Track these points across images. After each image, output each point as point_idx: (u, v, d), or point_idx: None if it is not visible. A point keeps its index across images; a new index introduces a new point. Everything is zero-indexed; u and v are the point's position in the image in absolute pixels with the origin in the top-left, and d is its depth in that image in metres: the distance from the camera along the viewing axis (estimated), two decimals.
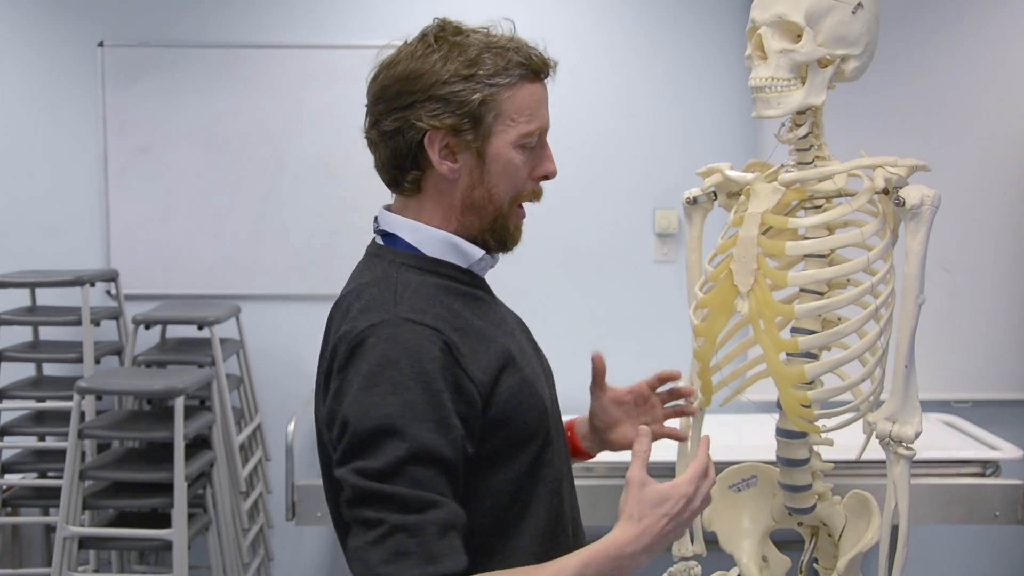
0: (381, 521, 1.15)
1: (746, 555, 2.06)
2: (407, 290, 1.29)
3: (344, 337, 1.26)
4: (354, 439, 1.20)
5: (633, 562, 1.24)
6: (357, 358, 1.23)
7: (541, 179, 1.39)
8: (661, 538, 1.26)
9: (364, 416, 1.19)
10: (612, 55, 3.67)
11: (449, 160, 1.32)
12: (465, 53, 1.30)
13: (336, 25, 3.65)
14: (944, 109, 3.48)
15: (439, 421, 1.20)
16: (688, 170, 2.31)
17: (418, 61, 1.31)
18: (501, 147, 1.32)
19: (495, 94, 1.30)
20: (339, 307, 1.34)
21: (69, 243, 3.72)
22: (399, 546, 1.14)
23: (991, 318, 3.53)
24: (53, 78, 3.69)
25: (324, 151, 3.65)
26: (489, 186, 1.34)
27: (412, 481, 1.17)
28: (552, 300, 3.64)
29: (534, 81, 1.34)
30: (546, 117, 1.36)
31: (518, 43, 1.34)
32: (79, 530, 2.92)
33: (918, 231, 1.69)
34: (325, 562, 3.85)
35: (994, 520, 2.85)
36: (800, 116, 1.77)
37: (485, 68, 1.30)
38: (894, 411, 1.76)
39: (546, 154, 1.38)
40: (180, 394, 2.89)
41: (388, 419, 1.18)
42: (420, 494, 1.16)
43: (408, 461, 1.17)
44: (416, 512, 1.16)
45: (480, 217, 1.35)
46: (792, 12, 1.69)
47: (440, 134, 1.30)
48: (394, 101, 1.32)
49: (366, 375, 1.21)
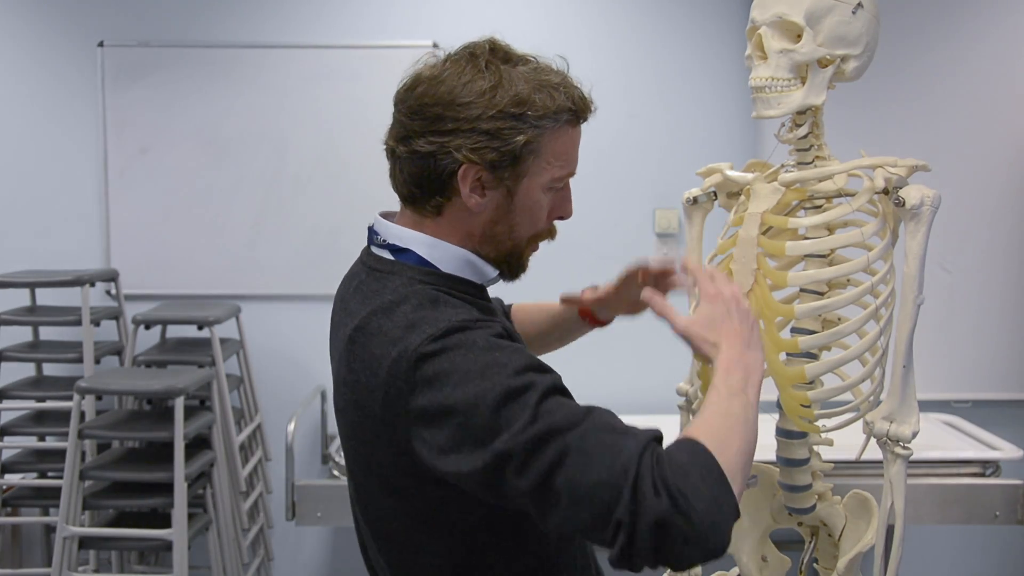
0: (566, 447, 1.10)
1: (746, 555, 2.06)
2: (438, 302, 1.26)
3: (401, 358, 1.19)
4: (481, 424, 1.13)
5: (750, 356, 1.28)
6: (430, 369, 1.17)
7: (557, 219, 1.39)
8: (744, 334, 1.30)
9: (476, 405, 1.13)
10: (612, 55, 3.67)
11: (478, 194, 1.28)
12: (515, 87, 1.25)
13: (336, 25, 3.65)
14: (944, 109, 3.48)
15: (537, 368, 1.19)
16: (688, 170, 2.31)
17: (467, 87, 1.25)
18: (532, 188, 1.30)
19: (539, 136, 1.27)
20: (365, 331, 1.27)
21: (69, 243, 3.73)
22: (599, 445, 1.09)
23: (991, 318, 3.53)
24: (53, 78, 3.70)
25: (324, 151, 3.66)
26: (512, 224, 1.32)
27: (558, 407, 1.14)
28: (552, 300, 3.64)
29: (575, 126, 1.32)
30: (576, 161, 1.35)
31: (567, 83, 1.31)
32: (79, 530, 2.92)
33: (918, 231, 1.69)
34: (325, 562, 3.85)
35: (994, 520, 2.85)
36: (800, 116, 1.77)
37: (535, 109, 1.26)
38: (892, 410, 1.76)
39: (566, 195, 1.37)
40: (180, 394, 2.89)
41: (499, 387, 1.13)
42: (572, 410, 1.14)
43: (543, 400, 1.14)
44: (583, 421, 1.13)
45: (496, 249, 1.34)
46: (792, 12, 1.69)
47: (476, 168, 1.26)
48: (433, 123, 1.26)
49: (453, 377, 1.16)
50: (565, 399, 1.17)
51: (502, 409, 1.12)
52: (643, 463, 1.07)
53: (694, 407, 2.03)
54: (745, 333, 1.30)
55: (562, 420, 1.12)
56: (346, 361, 1.29)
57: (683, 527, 1.04)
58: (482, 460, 1.13)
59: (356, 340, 1.27)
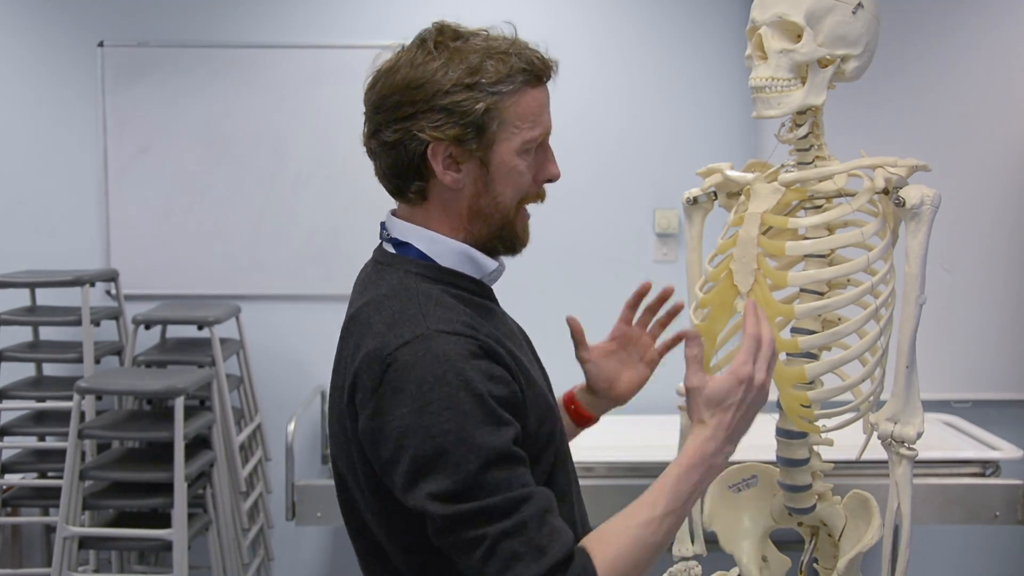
0: (483, 536, 1.15)
1: (746, 555, 2.06)
2: (430, 301, 1.27)
3: (375, 354, 1.22)
4: (420, 463, 1.17)
5: (720, 458, 1.27)
6: (396, 377, 1.19)
7: (545, 182, 1.37)
8: (737, 427, 1.28)
9: (425, 439, 1.16)
10: (612, 55, 3.67)
11: (453, 170, 1.30)
12: (466, 60, 1.28)
13: (336, 25, 3.65)
14: (944, 109, 3.48)
15: (497, 421, 1.19)
16: (688, 170, 2.31)
17: (418, 69, 1.28)
18: (505, 154, 1.31)
19: (498, 102, 1.28)
20: (357, 320, 1.30)
21: (69, 243, 3.72)
22: (508, 551, 1.15)
23: (991, 318, 3.53)
24: (53, 78, 3.69)
25: (324, 151, 3.66)
26: (495, 194, 1.32)
27: (495, 487, 1.16)
28: (552, 300, 3.63)
29: (537, 86, 1.32)
30: (549, 121, 1.35)
31: (519, 47, 1.32)
32: (79, 530, 2.92)
33: (918, 231, 1.69)
34: (325, 562, 3.85)
35: (994, 520, 2.85)
36: (800, 116, 1.77)
37: (488, 76, 1.27)
38: (896, 411, 1.76)
39: (549, 157, 1.37)
40: (180, 394, 2.89)
41: (450, 436, 1.16)
42: (507, 496, 1.16)
43: (483, 471, 1.16)
44: (511, 514, 1.16)
45: (488, 224, 1.34)
46: (792, 12, 1.69)
47: (443, 145, 1.28)
48: (394, 111, 1.30)
49: (414, 396, 1.18)
50: (508, 473, 1.18)
51: (442, 460, 1.16)
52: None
53: None
54: (733, 428, 1.28)
55: (491, 507, 1.16)
56: (339, 347, 1.33)
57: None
58: (413, 500, 1.19)
59: (349, 328, 1.32)
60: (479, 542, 1.15)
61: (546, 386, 1.44)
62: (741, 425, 1.29)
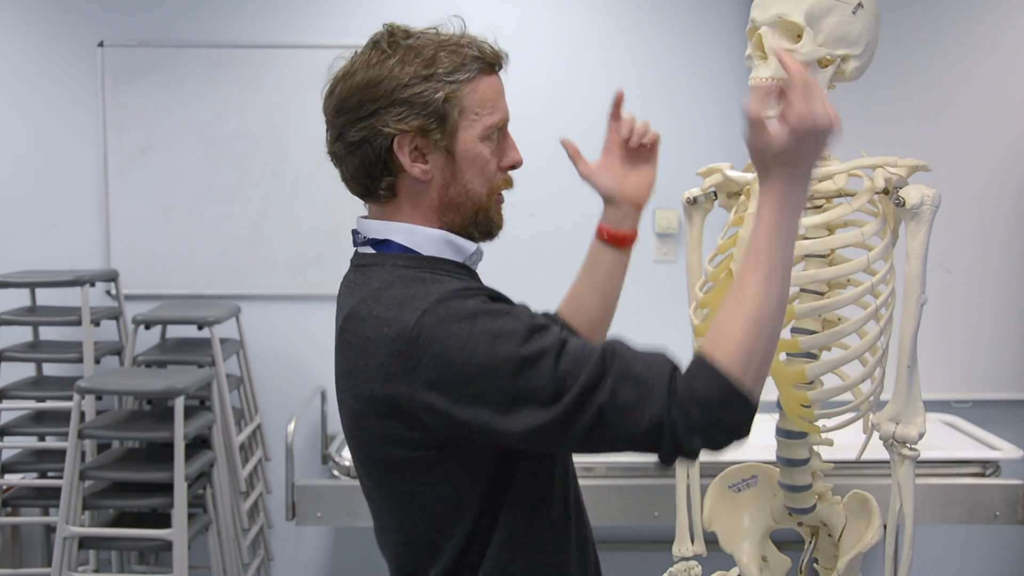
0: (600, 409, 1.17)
1: (746, 555, 2.06)
2: (426, 282, 1.29)
3: (400, 336, 1.22)
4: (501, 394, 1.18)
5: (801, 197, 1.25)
6: (431, 343, 1.20)
7: (509, 168, 1.40)
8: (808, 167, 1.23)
9: (493, 374, 1.18)
10: (611, 55, 3.67)
11: (420, 162, 1.32)
12: (421, 54, 1.32)
13: (336, 25, 3.65)
14: (944, 109, 3.48)
15: (541, 327, 1.22)
16: (688, 170, 2.31)
17: (375, 68, 1.32)
18: (468, 142, 1.33)
19: (456, 90, 1.31)
20: (355, 319, 1.30)
21: (69, 243, 3.72)
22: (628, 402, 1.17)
23: (991, 318, 3.53)
24: (53, 78, 3.69)
25: (324, 151, 3.64)
26: (463, 182, 1.35)
27: (575, 365, 1.18)
28: (552, 300, 3.63)
29: (491, 74, 1.36)
30: (506, 108, 1.37)
31: (470, 39, 1.36)
32: (79, 530, 2.92)
33: (919, 231, 1.69)
34: (325, 562, 3.85)
35: (994, 520, 2.85)
36: None
37: (443, 66, 1.31)
38: (897, 412, 1.76)
39: (510, 144, 1.40)
40: (180, 394, 2.89)
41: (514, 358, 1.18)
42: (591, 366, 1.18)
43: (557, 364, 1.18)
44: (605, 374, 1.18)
45: (460, 213, 1.36)
46: (792, 12, 1.69)
47: (408, 137, 1.30)
48: (356, 111, 1.33)
49: (457, 348, 1.19)
50: (575, 351, 1.20)
51: (521, 379, 1.18)
52: (672, 412, 1.16)
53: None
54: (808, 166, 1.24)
55: (586, 382, 1.17)
56: (340, 352, 1.33)
57: (720, 442, 1.20)
58: (516, 427, 1.19)
59: (347, 329, 1.31)
60: (600, 416, 1.17)
61: None
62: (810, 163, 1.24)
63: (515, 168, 1.40)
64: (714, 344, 1.20)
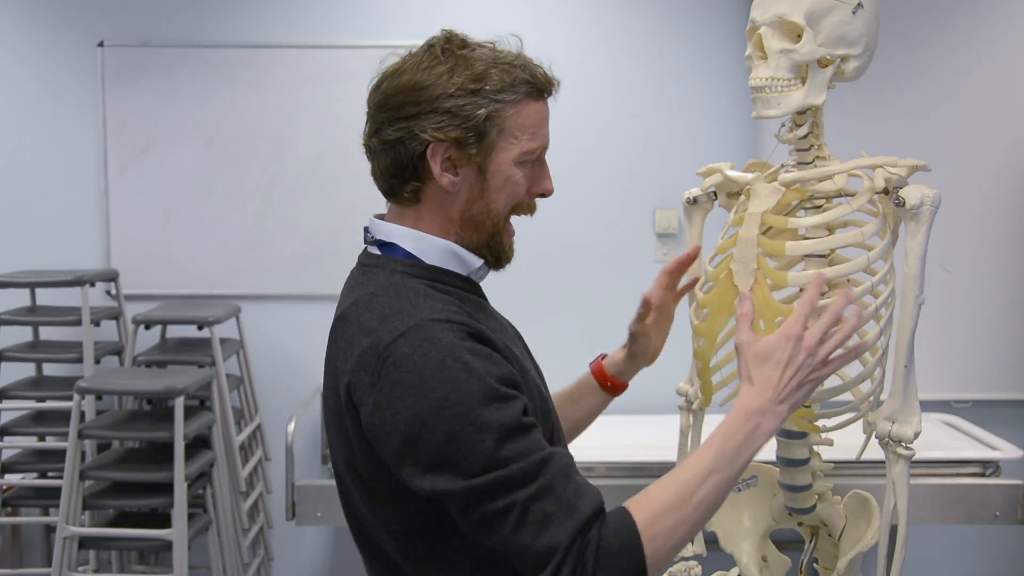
0: (511, 504, 1.15)
1: (746, 555, 2.06)
2: (418, 295, 1.28)
3: (370, 350, 1.22)
4: (433, 451, 1.18)
5: (770, 419, 1.27)
6: (395, 370, 1.20)
7: (538, 196, 1.40)
8: (787, 389, 1.28)
9: (434, 426, 1.17)
10: (612, 55, 3.67)
11: (450, 173, 1.32)
12: (472, 67, 1.30)
13: (336, 25, 3.65)
14: (944, 109, 3.48)
15: (502, 397, 1.20)
16: (688, 170, 2.31)
17: (424, 72, 1.31)
18: (503, 163, 1.33)
19: (500, 110, 1.30)
20: (346, 320, 1.31)
21: (69, 243, 3.73)
22: (540, 513, 1.15)
23: (991, 318, 3.53)
24: (53, 78, 3.70)
25: (324, 151, 3.66)
26: (488, 201, 1.34)
27: (514, 456, 1.17)
28: (552, 300, 3.64)
29: (538, 100, 1.35)
30: (547, 136, 1.37)
31: (524, 60, 1.35)
32: (79, 530, 2.92)
33: (918, 231, 1.68)
34: (325, 562, 3.85)
35: (994, 520, 2.85)
36: (800, 116, 1.77)
37: (492, 84, 1.30)
38: (893, 411, 1.76)
39: (544, 172, 1.39)
40: (180, 394, 2.89)
41: (460, 419, 1.17)
42: (529, 462, 1.17)
43: (499, 446, 1.16)
44: (535, 478, 1.16)
45: (478, 232, 1.36)
46: (792, 12, 1.69)
47: (443, 146, 1.30)
48: (398, 111, 1.32)
49: (416, 386, 1.18)
50: (524, 442, 1.18)
51: (457, 444, 1.17)
52: (573, 548, 1.14)
53: (694, 407, 2.03)
54: (783, 387, 1.28)
55: (516, 474, 1.16)
56: (329, 350, 1.34)
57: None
58: (431, 486, 1.18)
59: (337, 329, 1.32)
60: (508, 511, 1.16)
61: (541, 383, 1.44)
62: (791, 387, 1.28)
63: (544, 196, 1.40)
64: (639, 505, 1.20)
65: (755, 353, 1.30)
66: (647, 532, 1.17)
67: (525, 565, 1.17)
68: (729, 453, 1.24)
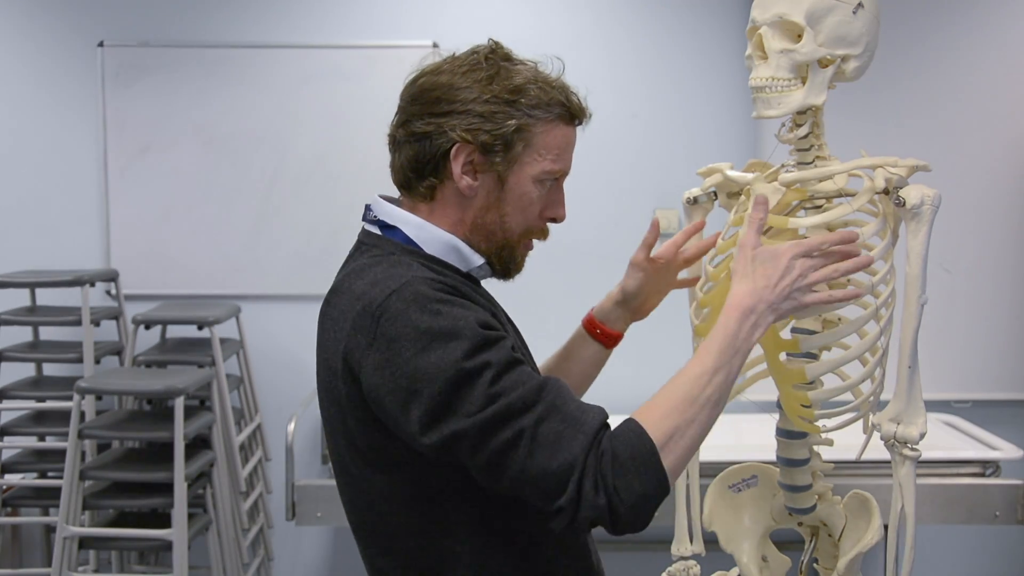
0: (520, 431, 1.17)
1: (746, 555, 2.06)
2: (411, 268, 1.30)
3: (364, 311, 1.24)
4: (439, 399, 1.19)
5: (767, 312, 1.33)
6: (389, 327, 1.21)
7: (550, 220, 1.41)
8: (780, 293, 1.33)
9: (435, 376, 1.18)
10: (612, 55, 3.67)
11: (470, 176, 1.33)
12: (511, 79, 1.32)
13: (336, 25, 3.65)
14: (944, 109, 3.48)
15: (494, 340, 1.22)
16: (688, 170, 2.31)
17: (464, 75, 1.32)
18: (523, 178, 1.34)
19: (531, 125, 1.32)
20: (337, 291, 1.34)
21: (69, 243, 3.72)
22: (550, 435, 1.17)
23: (991, 318, 3.53)
24: (53, 78, 3.69)
25: (324, 151, 3.65)
26: (502, 213, 1.36)
27: (512, 386, 1.19)
28: (552, 300, 3.63)
29: (569, 124, 1.37)
30: (570, 162, 1.39)
31: (562, 84, 1.37)
32: (79, 530, 2.92)
33: (919, 231, 1.68)
34: (325, 562, 3.85)
35: (994, 520, 2.85)
36: (800, 116, 1.77)
37: (528, 98, 1.32)
38: (898, 412, 1.75)
39: (560, 198, 1.41)
40: (180, 394, 2.89)
41: (457, 365, 1.18)
42: (527, 389, 1.19)
43: (496, 381, 1.18)
44: (537, 401, 1.18)
45: (488, 241, 1.37)
46: (793, 12, 1.68)
47: (469, 148, 1.31)
48: (431, 106, 1.33)
49: (412, 340, 1.20)
50: (518, 373, 1.21)
51: (457, 390, 1.18)
52: (588, 461, 1.16)
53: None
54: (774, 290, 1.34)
55: (516, 402, 1.18)
56: (320, 323, 1.37)
57: (613, 519, 1.17)
58: (438, 435, 1.19)
59: (329, 302, 1.35)
60: (518, 438, 1.17)
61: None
62: (781, 293, 1.34)
63: (556, 222, 1.42)
64: (645, 412, 1.22)
65: (759, 252, 1.36)
66: (658, 436, 1.19)
67: (546, 492, 1.17)
68: (730, 351, 1.28)
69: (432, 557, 1.32)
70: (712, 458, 2.33)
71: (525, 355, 1.42)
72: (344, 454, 1.36)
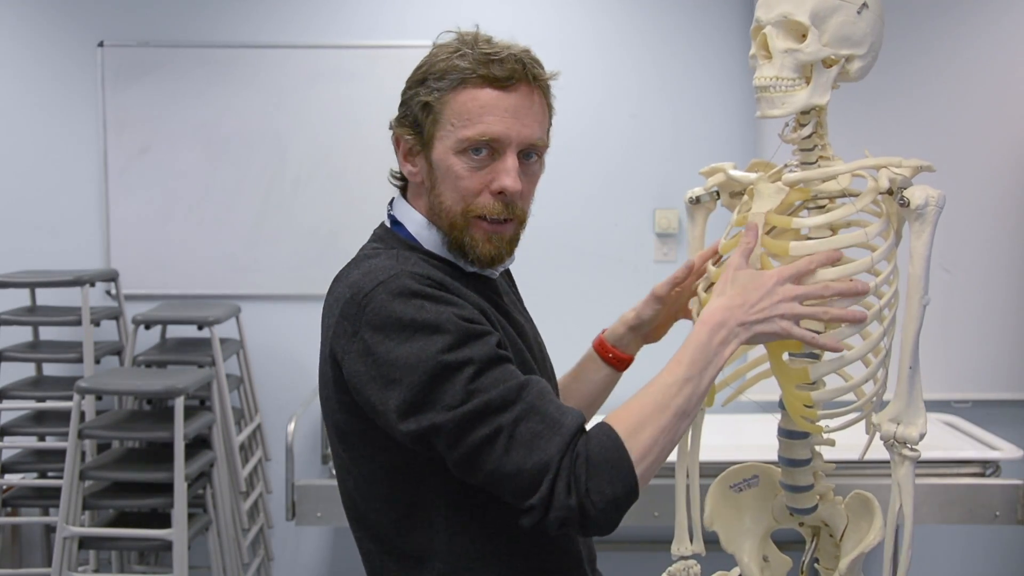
0: (498, 428, 1.18)
1: (747, 555, 2.06)
2: (408, 261, 1.31)
3: (352, 299, 1.26)
4: (418, 390, 1.20)
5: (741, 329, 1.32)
6: (374, 316, 1.23)
7: (497, 194, 1.32)
8: (753, 312, 1.33)
9: (415, 367, 1.19)
10: (612, 55, 3.67)
11: (410, 163, 1.37)
12: (432, 59, 1.34)
13: (336, 25, 3.65)
14: (947, 109, 3.48)
15: (478, 334, 1.23)
16: (689, 170, 2.32)
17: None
18: (442, 152, 1.32)
19: (438, 99, 1.31)
20: (337, 280, 1.36)
21: (69, 243, 3.72)
22: (527, 434, 1.18)
23: (991, 318, 3.54)
24: (53, 78, 3.69)
25: (324, 151, 3.65)
26: (438, 193, 1.34)
27: (494, 383, 1.19)
28: (552, 300, 3.63)
29: (480, 87, 1.30)
30: (494, 125, 1.29)
31: (480, 48, 1.32)
32: (79, 530, 2.92)
33: (922, 232, 1.68)
34: (325, 562, 3.85)
35: (994, 520, 2.85)
36: (804, 116, 1.77)
37: (433, 73, 1.32)
38: (898, 412, 1.76)
39: (503, 167, 1.31)
40: (180, 394, 2.89)
41: (438, 358, 1.19)
42: (507, 387, 1.20)
43: (477, 377, 1.19)
44: (517, 400, 1.19)
45: (442, 224, 1.36)
46: (797, 12, 1.68)
47: (399, 137, 1.36)
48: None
49: (396, 329, 1.21)
50: (500, 370, 1.22)
51: (437, 383, 1.19)
52: (563, 462, 1.17)
53: None
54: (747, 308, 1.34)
55: (496, 399, 1.19)
56: (322, 312, 1.39)
57: (583, 520, 1.18)
58: (416, 425, 1.20)
59: (330, 289, 1.37)
60: (496, 435, 1.18)
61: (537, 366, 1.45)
62: (758, 316, 1.34)
63: (503, 194, 1.32)
64: (618, 417, 1.23)
65: (740, 273, 1.37)
66: (631, 442, 1.19)
67: (519, 489, 1.18)
68: (701, 363, 1.28)
69: (411, 543, 1.33)
70: (713, 458, 2.33)
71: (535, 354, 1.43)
72: (334, 438, 1.38)
